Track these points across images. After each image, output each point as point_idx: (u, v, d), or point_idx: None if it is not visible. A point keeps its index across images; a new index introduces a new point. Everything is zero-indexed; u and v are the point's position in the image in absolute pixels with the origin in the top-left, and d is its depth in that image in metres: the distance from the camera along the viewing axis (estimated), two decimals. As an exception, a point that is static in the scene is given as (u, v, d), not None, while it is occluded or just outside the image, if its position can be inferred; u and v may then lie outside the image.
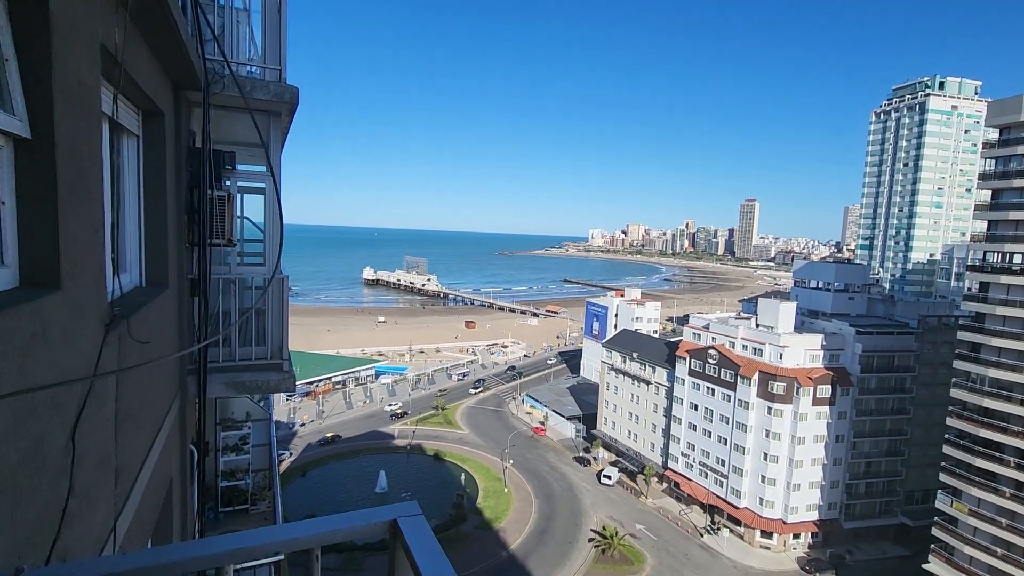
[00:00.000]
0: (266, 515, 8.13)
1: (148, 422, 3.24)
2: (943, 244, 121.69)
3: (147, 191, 3.73)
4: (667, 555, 55.73)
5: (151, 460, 3.22)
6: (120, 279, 3.45)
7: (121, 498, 2.58)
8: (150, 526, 3.40)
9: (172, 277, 4.15)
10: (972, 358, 45.59)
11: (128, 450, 2.70)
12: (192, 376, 5.03)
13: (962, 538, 43.91)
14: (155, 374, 3.44)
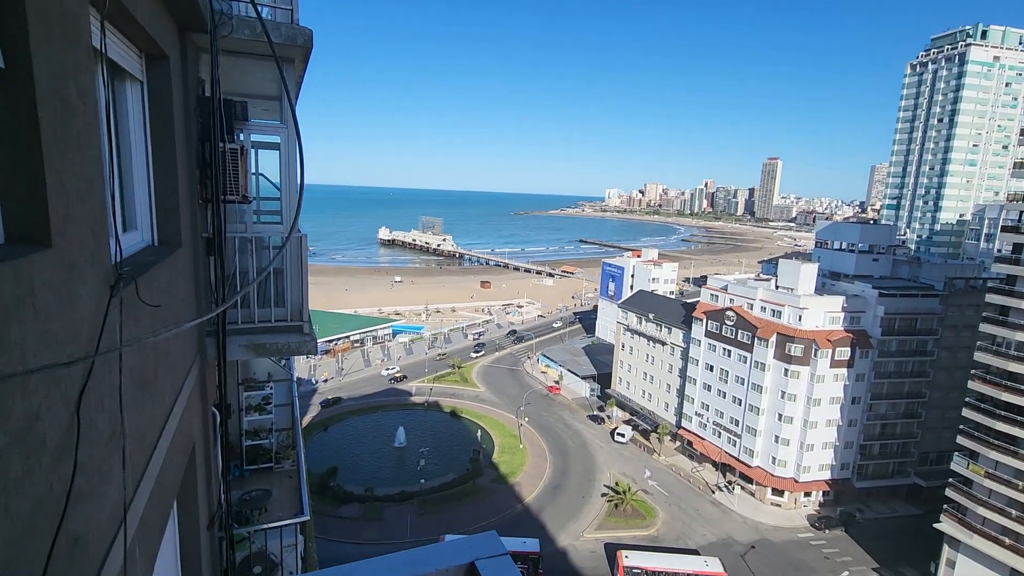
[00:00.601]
0: (290, 473, 8.24)
1: (166, 387, 3.10)
2: (974, 204, 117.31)
3: (155, 142, 3.48)
4: (678, 510, 56.97)
5: (170, 426, 3.11)
6: (128, 238, 3.26)
7: (139, 467, 2.46)
8: (173, 491, 3.33)
9: (186, 235, 3.95)
10: (999, 321, 44.50)
11: (144, 418, 2.56)
12: (211, 338, 4.91)
13: (976, 499, 44.00)
14: (171, 338, 3.29)
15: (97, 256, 1.94)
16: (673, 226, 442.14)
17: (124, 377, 2.18)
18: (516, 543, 46.40)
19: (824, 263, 69.05)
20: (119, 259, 2.22)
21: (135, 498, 2.29)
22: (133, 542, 2.23)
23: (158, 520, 2.84)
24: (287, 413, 9.18)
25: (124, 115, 3.11)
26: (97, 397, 1.85)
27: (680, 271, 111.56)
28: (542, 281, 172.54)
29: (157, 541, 2.85)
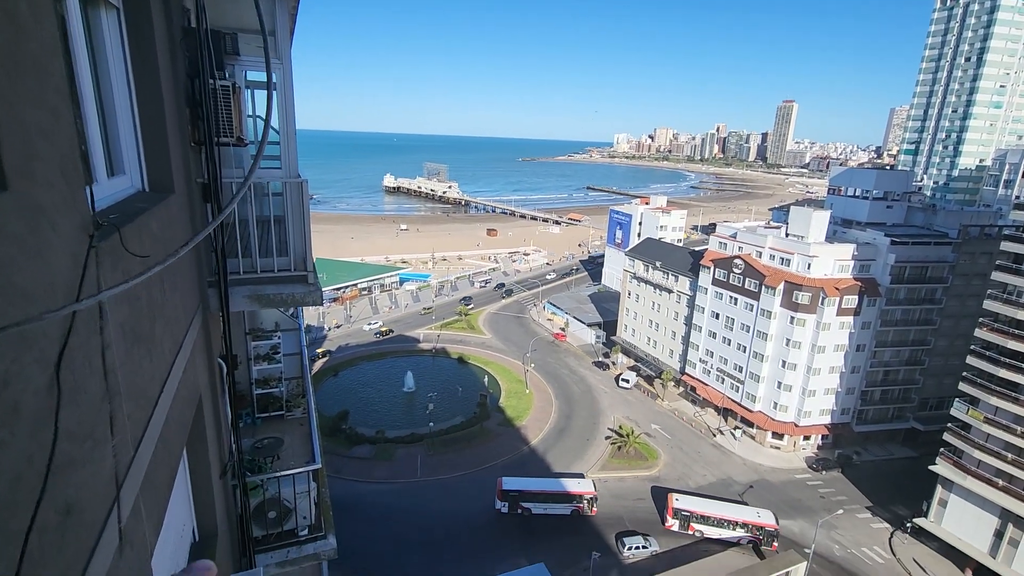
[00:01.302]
0: (301, 421, 8.34)
1: (165, 341, 2.98)
2: (995, 149, 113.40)
3: (137, 77, 3.20)
4: (680, 452, 58.71)
5: (173, 380, 3.01)
6: (115, 183, 3.04)
7: (140, 425, 2.36)
8: (179, 445, 3.28)
9: (178, 180, 3.73)
10: (1013, 269, 43.90)
11: (143, 374, 2.45)
12: (213, 290, 4.77)
13: (973, 443, 44.91)
14: (168, 290, 3.14)
15: (71, 201, 1.74)
16: (683, 172, 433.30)
17: (114, 333, 2.03)
18: (572, 483, 48.91)
19: (836, 210, 67.73)
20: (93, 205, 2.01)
21: (136, 457, 2.21)
22: (137, 502, 2.16)
23: (164, 476, 2.79)
24: (296, 362, 9.22)
25: (101, 45, 2.82)
26: (83, 357, 1.71)
27: (689, 219, 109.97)
28: (549, 229, 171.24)
29: (165, 496, 2.81)
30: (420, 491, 50.06)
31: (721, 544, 45.54)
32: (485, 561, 42.00)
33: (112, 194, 2.90)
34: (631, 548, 44.19)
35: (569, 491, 47.70)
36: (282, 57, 5.90)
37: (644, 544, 44.56)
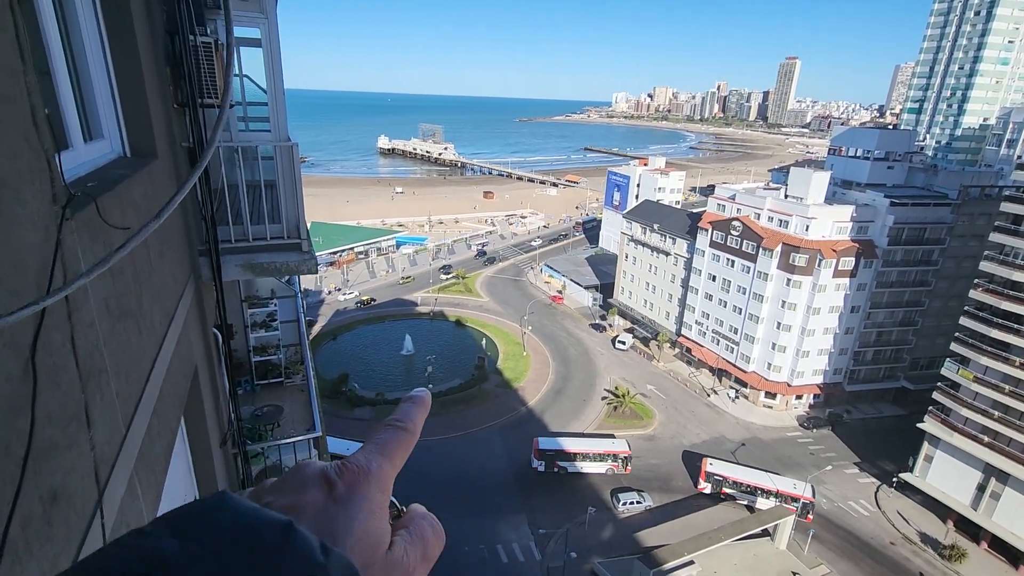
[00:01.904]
0: (301, 387, 8.36)
1: (155, 314, 2.89)
2: (1000, 107, 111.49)
3: (110, 31, 2.99)
4: (675, 412, 59.89)
5: (165, 353, 2.94)
6: (93, 148, 2.88)
7: (131, 402, 2.30)
8: (175, 419, 3.24)
9: (161, 144, 3.56)
10: (1011, 230, 43.84)
11: (131, 350, 2.37)
12: (204, 259, 4.65)
13: (962, 402, 45.88)
14: (156, 261, 3.03)
15: (38, 171, 1.62)
16: (682, 132, 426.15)
17: (97, 309, 1.94)
18: (607, 442, 50.51)
19: (837, 171, 67.01)
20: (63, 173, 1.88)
21: (128, 435, 2.15)
22: (132, 480, 2.12)
23: (160, 451, 2.75)
24: (294, 329, 9.18)
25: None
26: (60, 338, 1.62)
27: (687, 180, 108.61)
28: (546, 191, 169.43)
29: (162, 471, 2.78)
30: (420, 451, 50.97)
31: (711, 499, 47.02)
32: (485, 517, 43.36)
33: (90, 160, 2.75)
34: (625, 503, 45.61)
35: (604, 450, 49.00)
36: (267, 11, 5.60)
37: (638, 499, 45.97)
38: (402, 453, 0.70)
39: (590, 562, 39.86)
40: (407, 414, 0.73)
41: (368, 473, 0.63)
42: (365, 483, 0.62)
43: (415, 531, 0.65)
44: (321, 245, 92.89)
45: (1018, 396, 42.25)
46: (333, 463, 0.64)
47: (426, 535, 0.66)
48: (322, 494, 0.59)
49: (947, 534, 44.71)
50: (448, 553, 39.90)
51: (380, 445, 0.68)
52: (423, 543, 0.65)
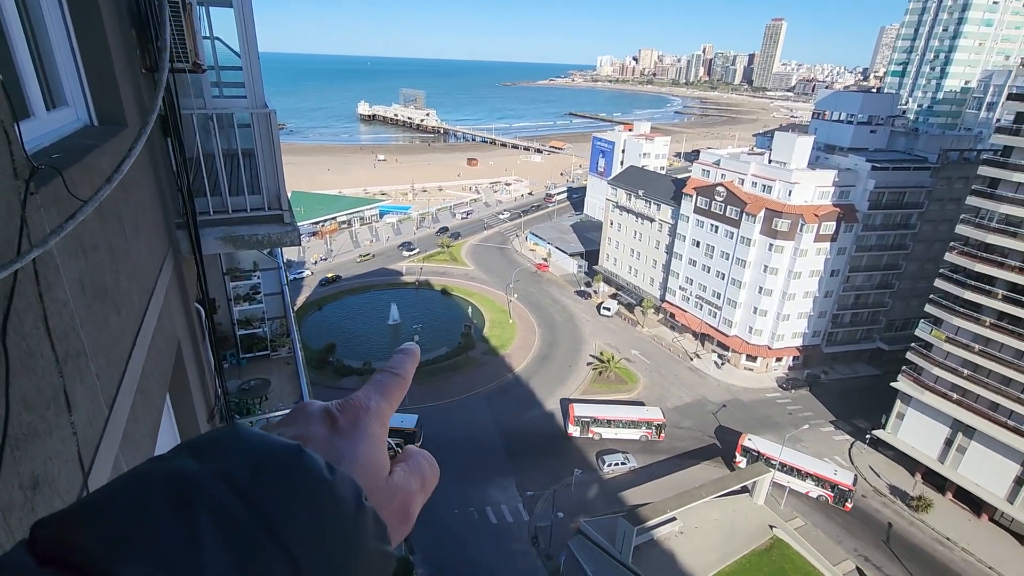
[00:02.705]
0: (288, 360, 8.30)
1: (133, 290, 2.80)
2: (982, 70, 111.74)
3: (68, -10, 2.79)
4: (658, 376, 61.10)
5: (146, 331, 2.86)
6: (57, 116, 2.73)
7: (112, 382, 2.24)
8: (160, 396, 3.19)
9: (131, 112, 3.38)
10: (987, 194, 44.53)
11: (110, 328, 2.29)
12: (183, 232, 4.50)
13: (934, 361, 47.43)
14: (131, 236, 2.91)
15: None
16: (667, 97, 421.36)
17: (71, 289, 1.86)
18: (642, 410, 51.11)
19: (820, 135, 67.05)
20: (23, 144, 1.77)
21: (112, 415, 2.10)
22: (118, 460, 2.08)
23: (146, 429, 2.71)
24: (278, 301, 9.05)
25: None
26: (33, 320, 1.55)
27: (672, 145, 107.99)
28: (530, 158, 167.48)
29: (149, 449, 2.74)
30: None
31: (695, 458, 48.51)
32: (474, 481, 44.31)
33: (54, 129, 2.60)
34: (611, 465, 46.90)
35: (639, 417, 49.83)
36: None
37: (623, 461, 47.27)
38: (397, 395, 0.76)
39: (576, 521, 41.20)
40: (400, 363, 0.79)
41: (368, 409, 0.69)
42: (365, 417, 0.68)
43: (413, 463, 0.71)
44: (302, 215, 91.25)
45: (987, 355, 43.78)
46: (334, 401, 0.69)
47: (423, 466, 0.72)
48: (326, 427, 0.65)
49: (915, 486, 46.92)
50: (439, 516, 40.94)
51: (377, 386, 0.74)
52: (421, 473, 0.70)
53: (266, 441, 0.52)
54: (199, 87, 5.68)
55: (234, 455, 0.49)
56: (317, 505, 0.49)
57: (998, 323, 43.17)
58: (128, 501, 0.44)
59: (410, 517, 0.65)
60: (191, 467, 0.47)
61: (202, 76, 5.77)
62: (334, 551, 0.48)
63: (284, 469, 0.50)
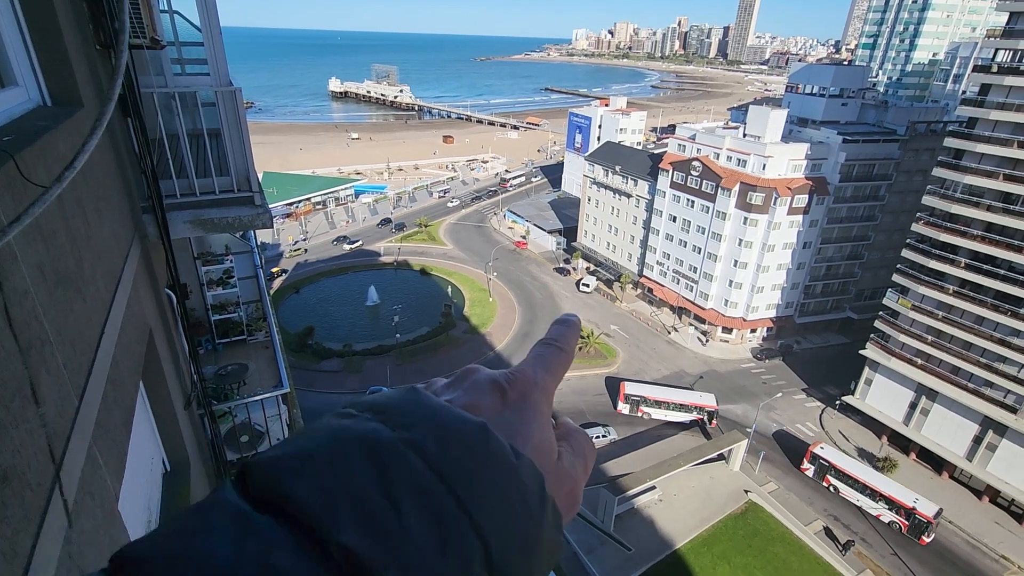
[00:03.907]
0: (265, 344, 8.19)
1: (98, 277, 2.72)
2: (949, 42, 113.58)
3: (9, -40, 2.63)
4: (637, 350, 62.12)
5: (115, 318, 2.79)
6: (6, 96, 2.60)
7: (81, 372, 2.19)
8: (133, 384, 3.13)
9: (86, 91, 3.23)
10: (952, 165, 45.66)
11: (75, 317, 2.23)
12: (149, 216, 4.36)
13: (900, 328, 49.15)
14: (93, 220, 2.82)
15: (-59, 125, 1.44)
16: (643, 71, 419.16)
17: (31, 276, 1.80)
18: (694, 395, 50.88)
19: (794, 108, 67.65)
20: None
21: (83, 405, 2.06)
22: (91, 449, 2.05)
23: (120, 418, 2.66)
24: (253, 285, 8.88)
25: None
26: (-10, 310, 1.50)
27: (649, 120, 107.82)
28: (507, 134, 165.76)
29: (123, 438, 2.71)
30: (391, 399, 51.79)
31: (674, 428, 49.77)
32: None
33: (4, 111, 2.48)
34: (592, 438, 47.78)
35: (691, 402, 49.70)
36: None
37: (604, 433, 48.24)
38: (561, 370, 0.71)
39: (559, 493, 42.00)
40: (561, 335, 0.74)
41: (535, 383, 0.65)
42: (535, 392, 0.64)
43: (575, 445, 0.65)
44: (275, 196, 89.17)
45: (949, 321, 45.51)
46: (501, 371, 0.65)
47: (585, 450, 0.66)
48: (497, 399, 0.60)
49: (881, 448, 49.04)
50: (423, 494, 41.36)
51: (541, 359, 0.70)
52: (583, 457, 0.65)
53: (451, 413, 0.51)
54: (159, 64, 5.45)
55: (420, 424, 0.48)
56: (505, 491, 0.47)
57: (960, 291, 44.77)
58: (331, 458, 0.44)
59: (577, 504, 0.60)
60: (384, 433, 0.47)
61: (161, 53, 5.53)
62: (519, 540, 0.46)
63: (471, 448, 0.48)
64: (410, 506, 0.43)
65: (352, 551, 0.39)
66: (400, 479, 0.44)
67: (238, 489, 0.44)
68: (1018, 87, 41.62)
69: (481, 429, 0.50)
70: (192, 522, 0.41)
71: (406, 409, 0.50)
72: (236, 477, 0.46)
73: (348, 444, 0.45)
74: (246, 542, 0.39)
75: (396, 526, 0.42)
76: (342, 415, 0.50)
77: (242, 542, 0.38)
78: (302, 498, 0.42)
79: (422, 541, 0.42)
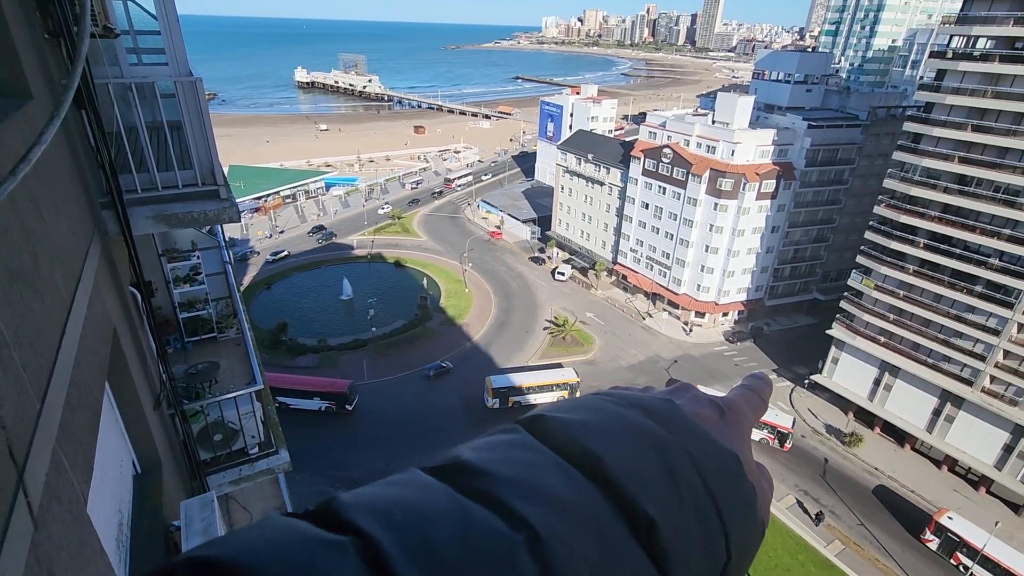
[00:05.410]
0: (236, 341, 8.03)
1: (56, 276, 2.62)
2: (908, 29, 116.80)
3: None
4: (613, 337, 62.87)
5: (76, 318, 2.70)
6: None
7: (42, 374, 2.12)
8: (98, 385, 3.04)
9: (36, 82, 3.09)
10: (911, 149, 47.10)
11: (33, 316, 2.15)
12: (109, 212, 4.20)
13: (864, 308, 50.85)
14: (48, 217, 2.71)
15: None
16: (612, 59, 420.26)
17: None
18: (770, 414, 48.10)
19: (760, 95, 68.75)
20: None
21: (44, 408, 2.00)
22: (56, 454, 1.99)
23: (85, 420, 2.59)
24: (221, 281, 8.67)
25: None
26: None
27: (620, 108, 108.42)
28: (479, 124, 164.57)
29: (90, 441, 2.63)
30: (368, 393, 51.43)
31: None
32: (438, 450, 44.53)
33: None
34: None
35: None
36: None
37: (582, 420, 48.84)
38: (759, 415, 0.77)
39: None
40: (759, 388, 0.80)
41: (746, 415, 0.72)
42: (745, 421, 0.71)
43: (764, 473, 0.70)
44: (243, 190, 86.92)
45: (910, 300, 47.28)
46: (717, 396, 0.73)
47: (770, 478, 0.71)
48: (717, 415, 0.67)
49: (848, 424, 50.88)
50: (404, 486, 41.28)
51: (746, 398, 0.77)
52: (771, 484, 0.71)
53: (709, 434, 0.57)
54: (113, 54, 5.24)
55: (687, 434, 0.54)
56: (746, 513, 0.53)
57: (920, 270, 46.49)
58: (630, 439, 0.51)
59: (767, 524, 0.64)
60: (664, 434, 0.53)
61: (115, 42, 5.32)
62: (747, 557, 0.53)
63: (726, 467, 0.54)
64: (687, 501, 0.49)
65: (655, 523, 0.45)
66: (681, 476, 0.50)
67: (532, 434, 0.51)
68: (972, 72, 43.07)
69: (736, 459, 0.57)
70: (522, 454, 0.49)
71: (671, 416, 0.56)
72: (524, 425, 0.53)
73: (638, 432, 0.52)
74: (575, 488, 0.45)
75: (679, 515, 0.47)
76: (611, 401, 0.56)
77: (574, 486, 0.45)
78: (612, 463, 0.47)
79: (695, 535, 0.48)
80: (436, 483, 0.45)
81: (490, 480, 0.44)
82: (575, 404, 0.54)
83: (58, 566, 1.81)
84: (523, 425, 0.53)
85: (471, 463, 0.47)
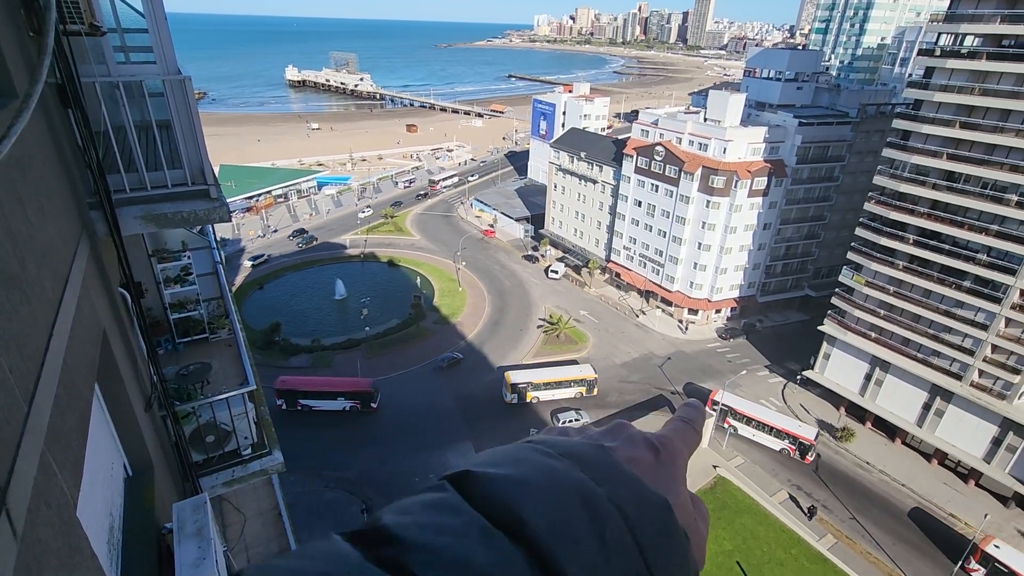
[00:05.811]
0: (228, 341, 7.97)
1: (43, 278, 2.59)
2: (896, 27, 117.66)
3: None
4: (607, 334, 63.01)
5: (64, 320, 2.66)
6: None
7: (29, 377, 2.09)
8: (87, 388, 3.00)
9: (20, 81, 3.05)
10: (900, 146, 47.44)
11: (20, 319, 2.12)
12: (98, 212, 4.15)
13: (855, 304, 51.23)
14: (35, 218, 2.67)
15: None
16: (604, 56, 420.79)
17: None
18: (792, 424, 47.09)
19: (752, 92, 69.06)
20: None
21: (32, 411, 1.97)
22: (45, 457, 1.97)
23: (74, 423, 2.56)
24: (212, 281, 8.59)
25: None
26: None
27: (612, 106, 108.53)
28: (471, 122, 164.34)
29: (79, 444, 2.61)
30: (363, 393, 51.20)
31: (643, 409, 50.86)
32: (433, 448, 44.78)
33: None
34: (564, 422, 48.49)
35: (784, 428, 46.31)
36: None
37: (576, 417, 48.98)
38: (693, 447, 0.78)
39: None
40: (693, 418, 0.81)
41: (680, 451, 0.72)
42: (680, 458, 0.71)
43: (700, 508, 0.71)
44: (234, 190, 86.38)
45: (900, 295, 47.69)
46: (651, 434, 0.72)
47: (706, 513, 0.72)
48: (651, 456, 0.67)
49: (839, 419, 51.31)
50: (399, 484, 41.28)
51: (679, 432, 0.77)
52: (706, 520, 0.72)
53: (642, 483, 0.57)
54: (100, 52, 5.18)
55: (618, 484, 0.55)
56: (680, 566, 0.53)
57: (909, 266, 46.88)
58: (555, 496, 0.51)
59: (703, 562, 0.65)
60: (593, 487, 0.53)
61: (103, 40, 5.25)
62: None
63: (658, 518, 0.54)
64: (615, 559, 0.48)
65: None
66: (610, 533, 0.50)
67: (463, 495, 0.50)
68: (960, 69, 43.46)
69: (667, 507, 0.56)
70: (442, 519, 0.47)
71: (602, 464, 0.56)
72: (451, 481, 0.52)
73: (567, 489, 0.51)
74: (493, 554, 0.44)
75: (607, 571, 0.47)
76: (540, 452, 0.56)
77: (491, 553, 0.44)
78: (536, 525, 0.47)
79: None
80: (349, 552, 0.45)
81: (405, 549, 0.44)
82: (505, 455, 0.54)
83: (48, 571, 1.79)
84: (451, 482, 0.52)
85: (389, 529, 0.46)
